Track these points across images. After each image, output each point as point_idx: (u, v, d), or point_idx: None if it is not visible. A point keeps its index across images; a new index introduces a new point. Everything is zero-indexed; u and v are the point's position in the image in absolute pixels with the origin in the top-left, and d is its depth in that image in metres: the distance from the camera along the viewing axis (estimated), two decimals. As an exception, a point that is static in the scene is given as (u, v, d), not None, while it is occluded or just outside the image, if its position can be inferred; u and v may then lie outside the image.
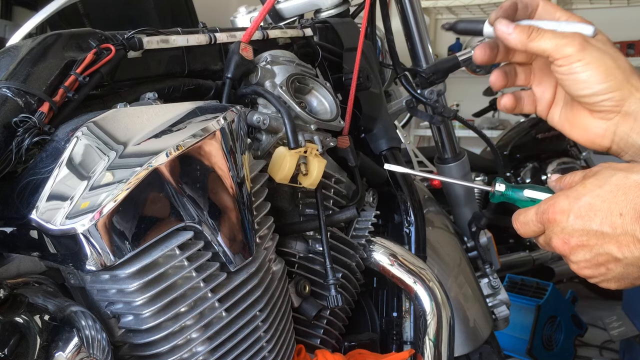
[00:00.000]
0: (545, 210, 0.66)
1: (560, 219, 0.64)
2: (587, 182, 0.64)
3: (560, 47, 0.67)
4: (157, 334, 0.63)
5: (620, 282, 0.65)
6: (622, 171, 0.62)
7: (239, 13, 1.27)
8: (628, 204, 0.60)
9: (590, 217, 0.62)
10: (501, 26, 0.69)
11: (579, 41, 0.67)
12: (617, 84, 0.68)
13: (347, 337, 1.00)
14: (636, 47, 4.52)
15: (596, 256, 0.63)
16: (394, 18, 1.27)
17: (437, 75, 1.27)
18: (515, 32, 0.68)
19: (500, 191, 0.73)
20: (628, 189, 0.60)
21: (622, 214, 0.60)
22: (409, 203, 1.07)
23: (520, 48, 0.69)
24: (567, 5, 4.92)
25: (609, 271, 0.64)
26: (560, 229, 0.64)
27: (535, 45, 0.68)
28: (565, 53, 0.67)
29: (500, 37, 0.70)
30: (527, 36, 0.68)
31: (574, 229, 0.63)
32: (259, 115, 0.81)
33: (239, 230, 0.68)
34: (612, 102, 0.69)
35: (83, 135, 0.61)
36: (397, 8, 1.33)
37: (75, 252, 0.56)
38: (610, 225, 0.61)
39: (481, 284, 1.43)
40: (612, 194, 0.61)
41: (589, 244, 0.63)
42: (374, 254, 0.99)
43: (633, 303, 2.67)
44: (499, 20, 0.70)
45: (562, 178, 0.70)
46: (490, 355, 1.30)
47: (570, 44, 0.67)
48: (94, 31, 0.73)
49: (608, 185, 0.62)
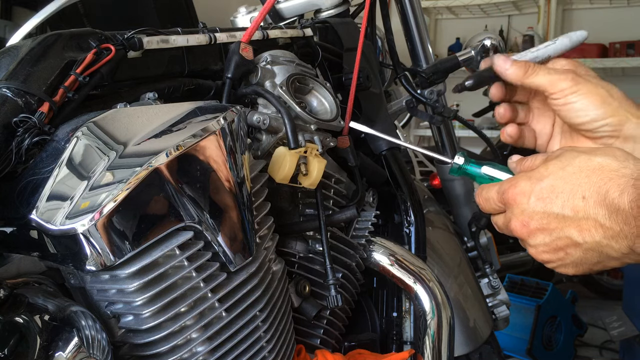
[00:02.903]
0: (505, 190, 0.65)
1: (520, 200, 0.63)
2: (550, 164, 0.63)
3: (555, 82, 0.69)
4: (157, 334, 0.63)
5: (578, 268, 0.64)
6: (585, 154, 0.61)
7: (239, 13, 1.27)
8: (591, 187, 0.59)
9: (552, 199, 0.61)
10: (499, 62, 0.72)
11: (572, 76, 0.69)
12: (612, 109, 0.70)
13: (347, 337, 1.00)
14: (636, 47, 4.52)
15: (555, 240, 0.62)
16: (394, 18, 1.27)
17: (437, 75, 1.27)
18: (512, 67, 0.71)
19: (458, 164, 0.73)
20: (591, 172, 0.59)
21: (584, 197, 0.59)
22: (409, 203, 1.07)
23: (517, 83, 0.71)
24: (567, 5, 4.92)
25: (568, 256, 0.63)
26: (520, 211, 0.63)
27: (530, 81, 0.70)
28: (560, 87, 0.69)
29: (498, 71, 0.72)
30: (524, 72, 0.70)
31: (535, 211, 0.62)
32: (259, 115, 0.81)
33: (239, 230, 0.68)
34: (610, 127, 0.70)
35: (83, 135, 0.61)
36: (397, 8, 1.33)
37: (75, 252, 0.56)
38: (572, 208, 0.60)
39: (481, 284, 1.43)
40: (575, 176, 0.60)
41: (549, 228, 0.62)
42: (374, 254, 0.99)
43: (633, 303, 2.67)
44: (497, 56, 0.72)
45: (522, 160, 0.69)
46: (490, 355, 1.30)
47: (564, 79, 0.69)
48: (94, 31, 0.73)
49: (571, 167, 0.61)
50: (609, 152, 0.60)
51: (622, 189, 0.57)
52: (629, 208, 0.57)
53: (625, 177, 0.58)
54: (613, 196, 0.57)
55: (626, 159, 0.59)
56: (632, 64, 4.49)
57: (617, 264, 0.61)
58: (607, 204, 0.58)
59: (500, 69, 0.72)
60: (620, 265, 0.62)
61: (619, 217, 0.57)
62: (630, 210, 0.57)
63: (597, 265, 0.62)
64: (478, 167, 0.72)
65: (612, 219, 0.58)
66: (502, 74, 0.72)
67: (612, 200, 0.57)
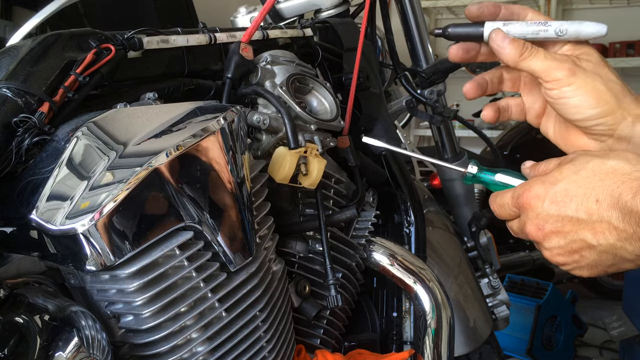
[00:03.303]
0: (520, 194, 0.65)
1: (535, 204, 0.63)
2: (563, 168, 0.63)
3: (551, 70, 0.67)
4: (157, 334, 0.63)
5: (592, 270, 0.64)
6: (598, 157, 0.61)
7: (239, 13, 1.27)
8: (605, 190, 0.59)
9: (566, 202, 0.61)
10: (497, 38, 0.69)
11: (569, 65, 0.67)
12: (608, 109, 0.68)
13: (347, 337, 1.00)
14: (636, 47, 4.52)
15: (570, 243, 0.62)
16: (394, 18, 1.27)
17: (437, 75, 1.27)
18: (508, 47, 0.68)
19: (472, 173, 0.73)
20: (605, 175, 0.59)
21: (598, 200, 0.59)
22: (409, 203, 1.07)
23: (512, 65, 0.69)
24: (567, 5, 4.92)
25: (582, 258, 0.63)
26: (535, 215, 0.63)
27: (525, 64, 0.68)
28: (555, 77, 0.67)
29: (493, 49, 0.70)
30: (520, 54, 0.68)
31: (549, 214, 0.62)
32: (259, 115, 0.81)
33: (239, 230, 0.68)
34: (605, 126, 0.69)
35: (83, 135, 0.61)
36: (397, 8, 1.33)
37: (75, 252, 0.56)
38: (586, 211, 0.60)
39: (481, 284, 1.43)
40: (589, 179, 0.60)
41: (564, 230, 0.62)
42: (374, 254, 0.99)
43: (633, 303, 2.67)
44: (496, 31, 0.69)
45: (536, 165, 0.69)
46: (490, 355, 1.30)
47: (560, 67, 0.67)
48: (94, 31, 0.73)
49: (584, 171, 0.61)
50: (622, 156, 0.61)
51: (635, 192, 0.57)
52: None
53: (638, 180, 0.58)
54: (626, 199, 0.57)
55: (638, 162, 0.60)
56: (632, 64, 4.49)
57: (631, 265, 0.62)
58: (621, 206, 0.58)
59: (497, 47, 0.69)
60: (635, 267, 0.62)
61: (632, 219, 0.57)
62: None
63: (611, 267, 0.63)
64: (492, 175, 0.72)
65: (625, 222, 0.58)
66: (498, 53, 0.69)
67: (625, 203, 0.58)
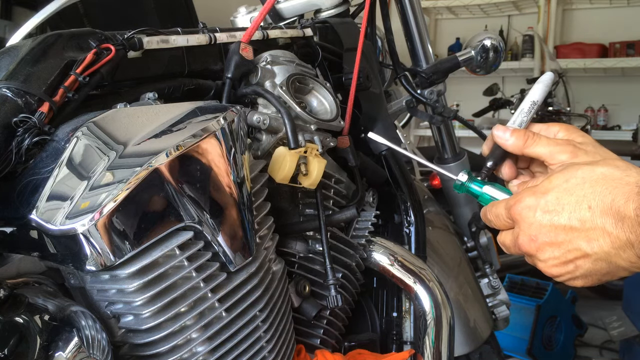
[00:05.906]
0: (511, 205, 0.65)
1: (526, 215, 0.64)
2: (553, 177, 0.63)
3: (554, 154, 0.69)
4: (157, 334, 0.63)
5: (587, 279, 0.64)
6: (587, 165, 0.62)
7: (239, 13, 1.27)
8: (596, 197, 0.59)
9: (558, 211, 0.61)
10: (498, 132, 0.73)
11: (571, 149, 0.69)
12: None
13: (347, 337, 1.00)
14: (636, 47, 4.52)
15: (565, 253, 0.62)
16: (394, 18, 1.27)
17: (437, 75, 1.27)
18: (512, 138, 0.71)
19: (462, 181, 0.74)
20: (595, 182, 0.60)
21: (590, 207, 0.59)
22: (409, 203, 1.07)
23: (517, 153, 0.72)
24: (567, 5, 4.93)
25: (578, 268, 0.63)
26: (528, 225, 0.64)
27: (530, 151, 0.71)
28: (560, 160, 0.69)
29: (498, 143, 0.73)
30: (523, 142, 0.71)
31: (542, 224, 0.62)
32: (259, 115, 0.81)
33: (239, 230, 0.68)
34: None
35: (83, 135, 0.61)
36: (397, 8, 1.33)
37: (75, 252, 0.56)
38: (579, 219, 0.60)
39: (481, 284, 1.43)
40: (579, 187, 0.60)
41: (557, 241, 0.62)
42: (374, 254, 0.99)
43: (633, 303, 2.67)
44: (496, 127, 0.73)
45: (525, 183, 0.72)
46: (490, 355, 1.30)
47: (563, 151, 0.69)
48: (94, 31, 0.73)
49: (574, 179, 0.61)
50: (611, 163, 0.61)
51: (627, 197, 0.57)
52: (635, 215, 0.57)
53: (629, 185, 0.58)
54: (619, 204, 0.57)
55: (628, 167, 0.60)
56: (632, 64, 4.50)
57: (626, 273, 0.61)
58: (614, 212, 0.58)
59: (500, 140, 0.72)
60: (629, 274, 0.62)
61: (625, 225, 0.57)
62: (635, 217, 0.57)
63: (606, 275, 0.62)
64: (480, 186, 0.73)
65: (618, 227, 0.58)
66: (503, 145, 0.73)
67: (617, 208, 0.57)
